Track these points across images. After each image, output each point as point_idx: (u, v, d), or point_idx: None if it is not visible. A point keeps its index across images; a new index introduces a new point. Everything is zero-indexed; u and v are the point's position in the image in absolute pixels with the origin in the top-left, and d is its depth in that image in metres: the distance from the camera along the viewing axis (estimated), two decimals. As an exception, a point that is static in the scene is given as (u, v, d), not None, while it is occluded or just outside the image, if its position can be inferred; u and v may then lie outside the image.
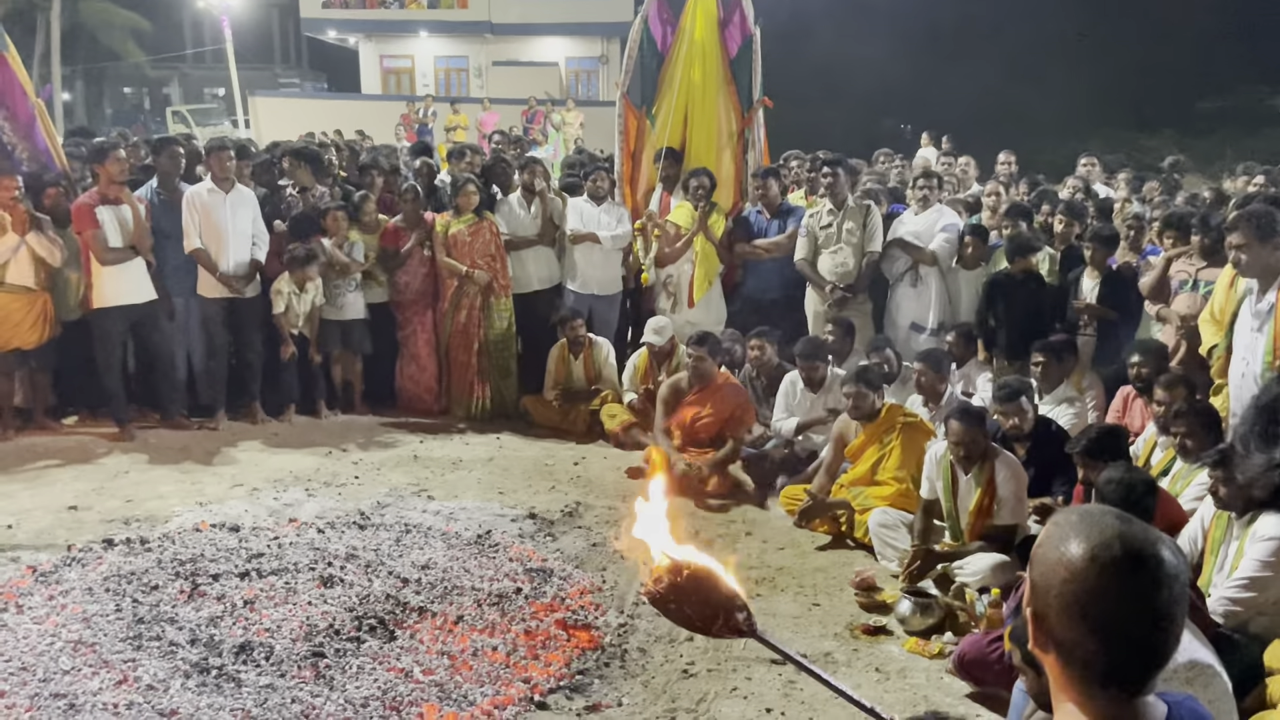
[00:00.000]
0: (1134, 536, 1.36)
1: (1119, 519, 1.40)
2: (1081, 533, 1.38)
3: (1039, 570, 1.41)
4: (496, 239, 7.52)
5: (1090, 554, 1.34)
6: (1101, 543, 1.35)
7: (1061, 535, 1.40)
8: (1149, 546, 1.35)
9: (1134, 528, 1.39)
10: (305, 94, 32.23)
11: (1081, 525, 1.40)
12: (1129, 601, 1.33)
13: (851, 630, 4.59)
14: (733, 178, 7.83)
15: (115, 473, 6.24)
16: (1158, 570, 1.33)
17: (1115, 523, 1.39)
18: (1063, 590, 1.36)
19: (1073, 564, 1.35)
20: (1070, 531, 1.39)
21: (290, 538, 5.17)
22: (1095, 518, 1.41)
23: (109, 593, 4.49)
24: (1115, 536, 1.35)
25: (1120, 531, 1.37)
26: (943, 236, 7.03)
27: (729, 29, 7.60)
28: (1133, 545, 1.35)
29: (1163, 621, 1.34)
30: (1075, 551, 1.35)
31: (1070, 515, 1.45)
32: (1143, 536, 1.37)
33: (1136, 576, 1.33)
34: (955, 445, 4.91)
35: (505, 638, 4.25)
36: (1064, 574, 1.36)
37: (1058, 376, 6.05)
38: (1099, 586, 1.33)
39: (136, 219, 6.68)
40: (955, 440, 4.90)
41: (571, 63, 29.15)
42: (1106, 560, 1.33)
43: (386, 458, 6.68)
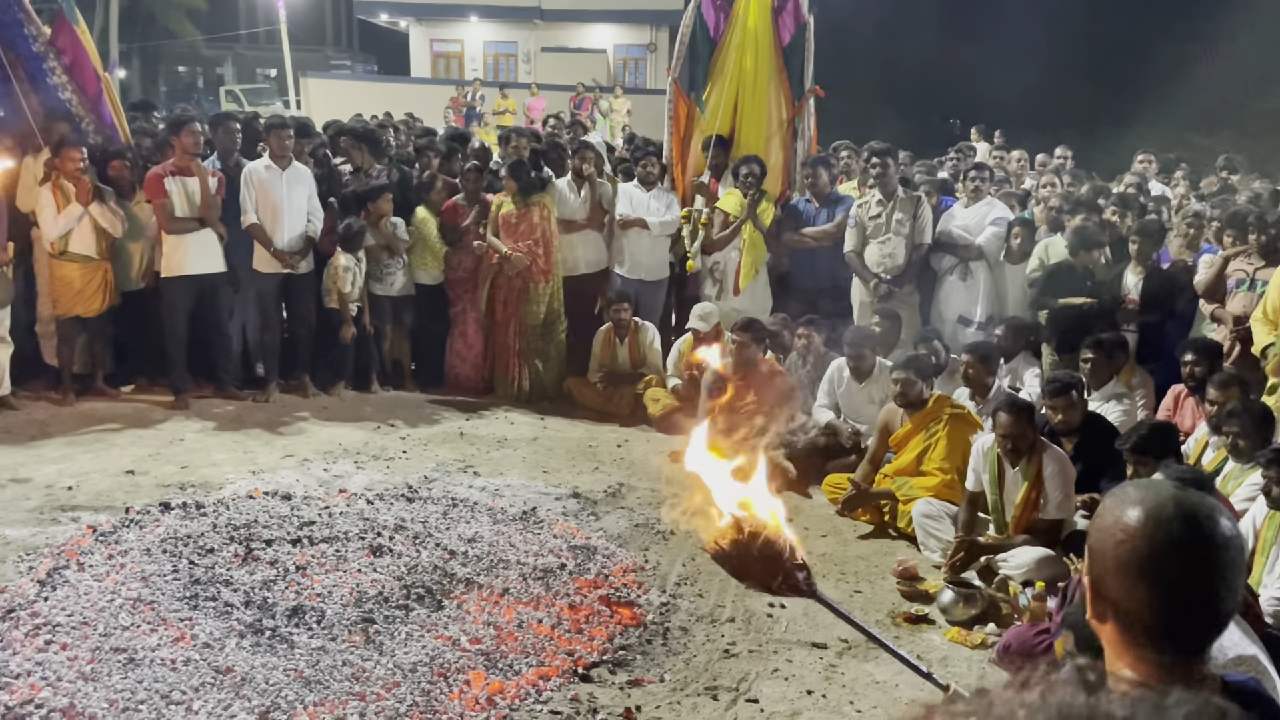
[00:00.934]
0: (1189, 499, 1.40)
1: (1175, 486, 1.44)
2: (1138, 498, 1.42)
3: (1096, 537, 1.45)
4: (545, 223, 7.57)
5: (1146, 515, 1.38)
6: (1157, 505, 1.39)
7: (1118, 503, 1.44)
8: (1204, 508, 1.39)
9: (1189, 493, 1.42)
10: (355, 76, 32.50)
11: (1138, 492, 1.44)
12: (1185, 560, 1.36)
13: (893, 618, 4.61)
14: (781, 166, 7.82)
15: (171, 439, 6.40)
16: (1213, 531, 1.36)
17: (1171, 489, 1.43)
18: (1119, 552, 1.39)
19: (1129, 526, 1.38)
20: (1127, 499, 1.43)
21: (340, 507, 5.27)
22: (1152, 485, 1.45)
23: (166, 554, 4.61)
24: (1170, 499, 1.39)
25: (1175, 495, 1.40)
26: (992, 230, 6.98)
27: (782, 17, 7.58)
28: (1187, 506, 1.38)
29: (1218, 583, 1.36)
30: (1132, 514, 1.39)
31: (1127, 486, 1.49)
32: (1198, 500, 1.41)
33: (1192, 536, 1.36)
34: (1003, 438, 4.89)
35: (550, 611, 4.32)
36: (1121, 536, 1.39)
37: (1107, 373, 6.00)
38: (1155, 545, 1.36)
39: (204, 191, 6.82)
40: (1003, 433, 4.88)
41: (620, 50, 29.12)
42: (1162, 519, 1.37)
43: (433, 434, 6.78)
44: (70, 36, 7.11)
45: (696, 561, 5.06)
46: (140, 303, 7.20)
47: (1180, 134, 27.22)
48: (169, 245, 6.88)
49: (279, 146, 6.95)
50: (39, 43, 6.99)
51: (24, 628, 3.94)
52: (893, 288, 7.04)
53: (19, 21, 6.93)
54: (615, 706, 3.77)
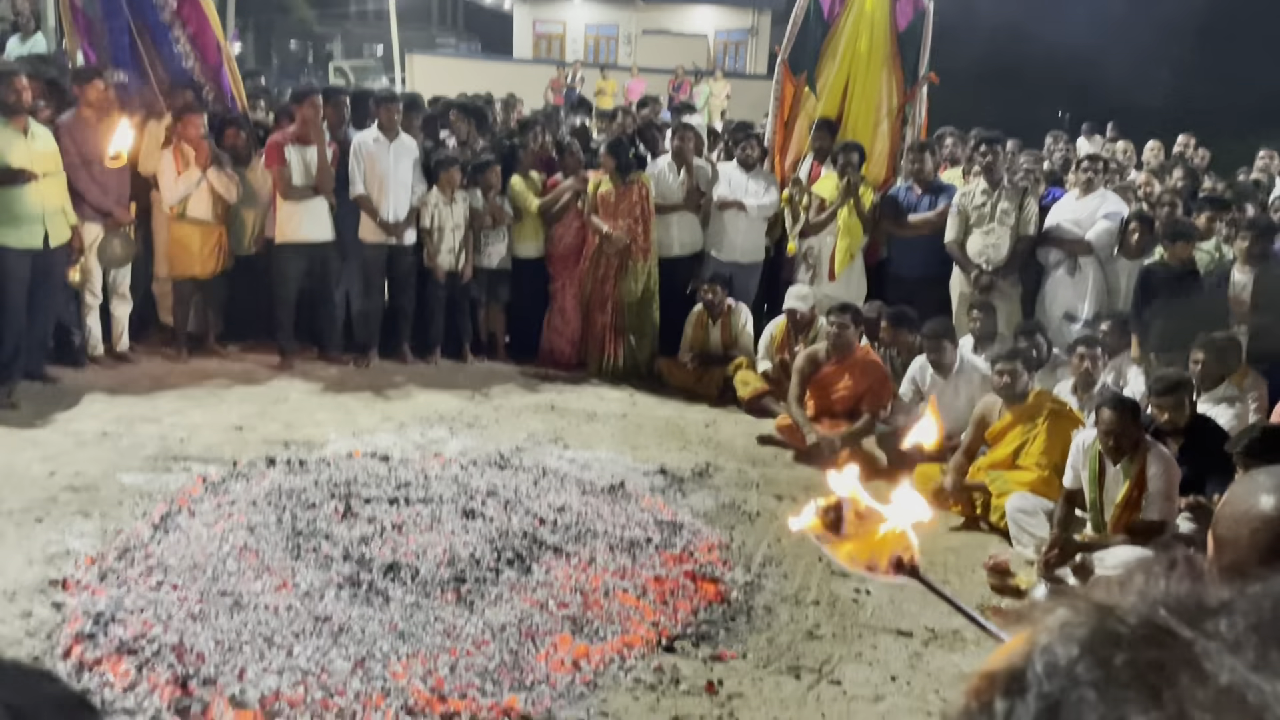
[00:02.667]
0: None
1: None
2: (1272, 485, 1.38)
3: (1227, 525, 1.41)
4: (644, 201, 7.60)
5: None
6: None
7: (1250, 490, 1.40)
8: None
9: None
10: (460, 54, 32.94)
11: (1270, 479, 1.40)
12: None
13: (982, 610, 4.52)
14: (886, 152, 7.71)
15: (276, 399, 6.63)
16: None
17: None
18: (1254, 540, 1.36)
19: (1265, 513, 1.35)
20: (1259, 486, 1.40)
21: (435, 471, 5.41)
22: (1277, 474, 1.41)
23: (271, 506, 4.80)
24: None
25: None
26: (1104, 224, 6.77)
27: (900, 2, 7.45)
28: None
29: None
30: (1268, 500, 1.36)
31: (1257, 473, 1.45)
32: None
33: None
34: (1105, 435, 4.76)
35: (635, 582, 4.38)
36: (1256, 524, 1.36)
37: (1218, 375, 5.77)
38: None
39: (322, 162, 7.04)
40: (1106, 429, 4.75)
41: (720, 34, 28.96)
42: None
43: (525, 404, 6.89)
44: (195, 7, 7.38)
45: (782, 543, 5.06)
46: (252, 267, 7.46)
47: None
48: (283, 212, 7.11)
49: (388, 119, 7.12)
50: (166, 12, 7.28)
51: (138, 568, 4.15)
52: (994, 279, 6.89)
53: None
54: (698, 679, 3.81)
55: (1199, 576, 0.63)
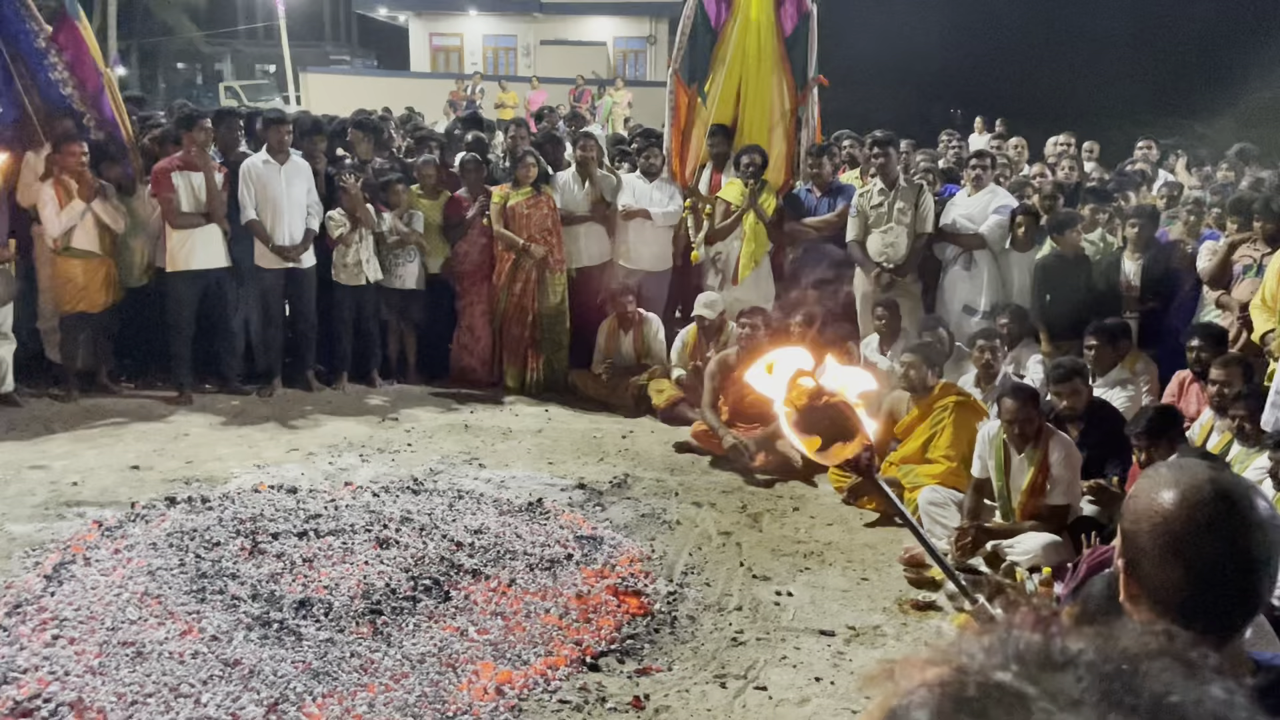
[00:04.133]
0: (1225, 480, 1.40)
1: (1210, 467, 1.44)
2: (1173, 480, 1.41)
3: (1130, 519, 1.44)
4: (554, 213, 7.56)
5: (1182, 496, 1.38)
6: (1193, 486, 1.38)
7: (1153, 484, 1.44)
8: (1239, 489, 1.39)
9: (1225, 474, 1.43)
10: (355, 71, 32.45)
11: (1172, 473, 1.43)
12: (1221, 541, 1.36)
13: (901, 605, 4.61)
14: (784, 156, 7.79)
15: (175, 435, 6.39)
16: (1249, 512, 1.36)
17: (1206, 469, 1.42)
18: (1155, 533, 1.39)
19: (1165, 508, 1.38)
20: (1162, 480, 1.43)
21: (346, 500, 5.28)
22: (1186, 466, 1.45)
23: (172, 548, 4.61)
24: (1206, 480, 1.39)
25: (1211, 476, 1.40)
26: (995, 219, 6.95)
27: (785, 6, 7.55)
28: (1223, 487, 1.38)
29: (1254, 564, 1.36)
30: (1167, 496, 1.39)
31: (1161, 467, 1.49)
32: (1233, 480, 1.41)
33: (1228, 517, 1.36)
34: (1008, 424, 4.89)
35: (557, 601, 4.32)
36: (1156, 518, 1.39)
37: (1111, 360, 5.98)
38: (1191, 526, 1.36)
39: (211, 187, 6.82)
40: (1009, 418, 4.88)
41: (620, 42, 29.11)
42: (1197, 501, 1.37)
43: (438, 426, 6.77)
44: (72, 32, 7.09)
45: (703, 551, 5.07)
46: (143, 298, 7.20)
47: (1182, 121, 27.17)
48: (174, 240, 6.87)
49: (278, 141, 6.94)
50: (41, 38, 6.97)
51: (31, 622, 3.95)
52: (895, 277, 7.03)
53: (21, 17, 6.91)
54: (623, 695, 3.77)
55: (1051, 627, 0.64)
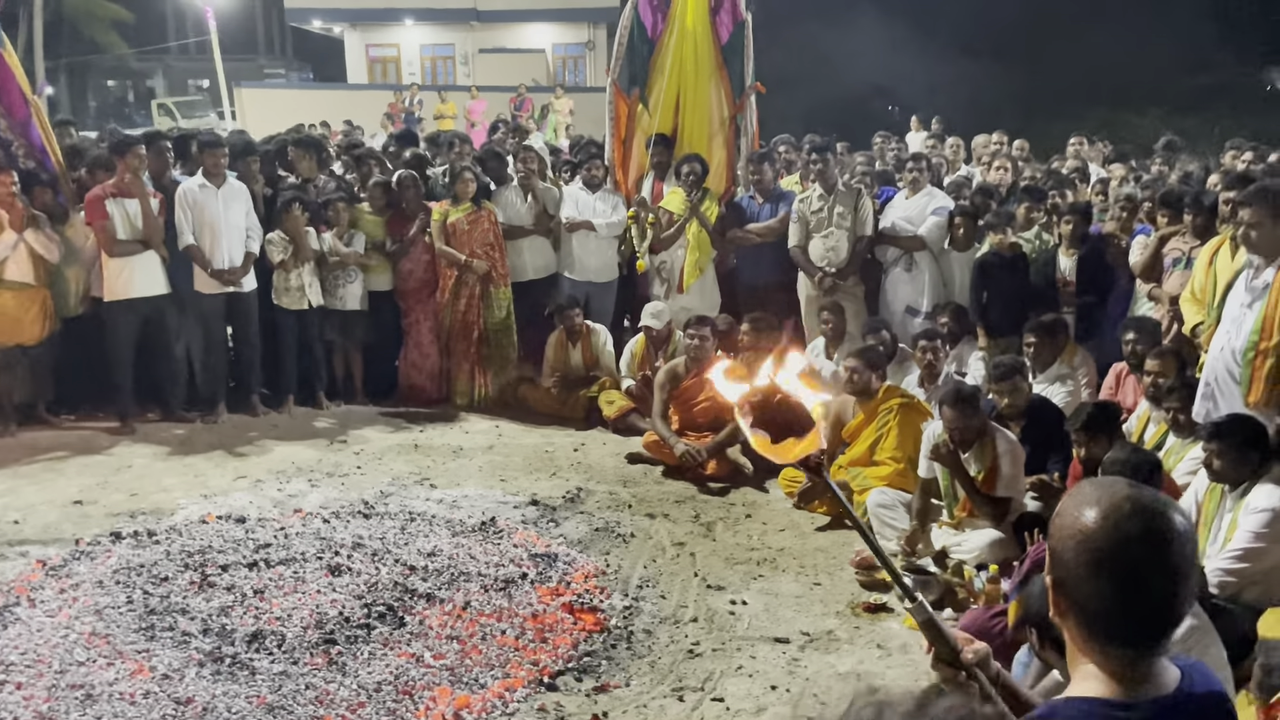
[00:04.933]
0: (1144, 497, 1.46)
1: (1130, 485, 1.50)
2: (1095, 498, 1.47)
3: (1057, 537, 1.50)
4: (495, 228, 7.56)
5: (1103, 514, 1.44)
6: (1113, 504, 1.44)
7: (1077, 502, 1.49)
8: (1159, 506, 1.45)
9: (1144, 491, 1.48)
10: (291, 84, 32.07)
11: (1095, 491, 1.49)
12: (1142, 557, 1.42)
13: (853, 608, 4.67)
14: (725, 163, 7.86)
15: (118, 467, 6.28)
16: (1168, 528, 1.43)
17: (1126, 487, 1.48)
18: (1079, 551, 1.45)
19: (1087, 525, 1.44)
20: (1085, 498, 1.49)
21: (296, 528, 5.22)
22: (1108, 484, 1.51)
23: (120, 585, 4.54)
24: (1126, 498, 1.45)
25: (1130, 494, 1.46)
26: (933, 220, 7.08)
27: (720, 15, 7.61)
28: (1142, 504, 1.44)
29: (1175, 577, 1.42)
30: (1090, 514, 1.45)
31: (1084, 485, 1.55)
32: (1153, 497, 1.47)
33: (1148, 533, 1.42)
34: (951, 430, 4.96)
35: (513, 622, 4.32)
36: (1080, 536, 1.45)
37: (1050, 355, 6.11)
38: (1113, 543, 1.42)
39: (147, 213, 6.71)
40: (950, 426, 4.94)
41: (559, 49, 29.06)
42: (1119, 519, 1.43)
43: (388, 447, 6.72)
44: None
45: (658, 563, 5.10)
46: (80, 328, 7.05)
47: (1113, 113, 27.83)
48: (111, 269, 6.75)
49: (213, 165, 6.84)
50: (-38, 68, 6.81)
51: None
52: (838, 281, 7.12)
53: (-58, 47, 6.75)
54: (582, 714, 3.79)
55: None
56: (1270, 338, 4.32)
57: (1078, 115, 27.08)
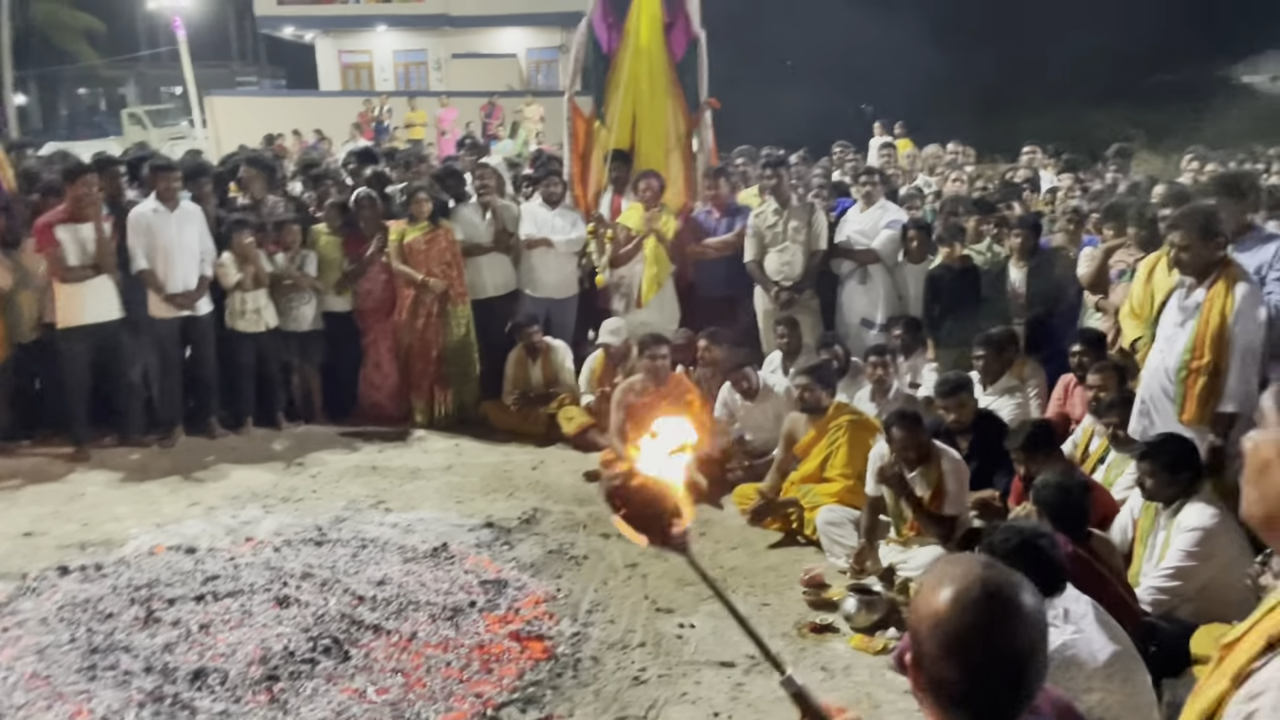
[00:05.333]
0: (995, 579, 1.49)
1: (983, 565, 1.52)
2: (948, 578, 1.50)
3: (914, 618, 1.53)
4: (453, 246, 7.56)
5: (954, 596, 1.47)
6: (964, 586, 1.47)
7: (932, 584, 1.52)
8: (1007, 588, 1.48)
9: (995, 572, 1.51)
10: (263, 92, 31.92)
11: (951, 569, 1.52)
12: (990, 640, 1.45)
13: (799, 629, 4.70)
14: (682, 178, 7.90)
15: (72, 495, 6.25)
16: (1016, 611, 1.46)
17: (978, 568, 1.51)
18: (932, 633, 1.48)
19: (939, 608, 1.47)
20: (938, 579, 1.52)
21: (246, 558, 5.21)
22: (961, 565, 1.53)
23: (64, 623, 4.52)
24: (976, 580, 1.48)
25: (981, 575, 1.49)
26: (887, 233, 7.14)
27: (674, 32, 7.65)
28: (991, 587, 1.47)
29: (1021, 659, 1.46)
30: (942, 596, 1.48)
31: (940, 564, 1.58)
32: (1003, 579, 1.49)
33: (995, 616, 1.45)
34: (901, 450, 5.00)
35: (459, 653, 4.33)
36: (932, 619, 1.48)
37: (999, 368, 6.17)
38: (962, 627, 1.45)
39: (100, 238, 6.68)
40: (900, 446, 4.98)
41: (532, 53, 29.03)
42: (968, 602, 1.46)
43: (345, 469, 6.72)
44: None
45: (609, 585, 5.12)
46: (34, 354, 7.02)
47: (1079, 110, 28.02)
48: (64, 295, 6.72)
49: (166, 189, 6.82)
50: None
51: (-87, 715, 3.84)
52: (793, 295, 7.16)
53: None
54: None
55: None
56: (1202, 357, 4.38)
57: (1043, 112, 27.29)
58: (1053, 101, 28.14)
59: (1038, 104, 28.03)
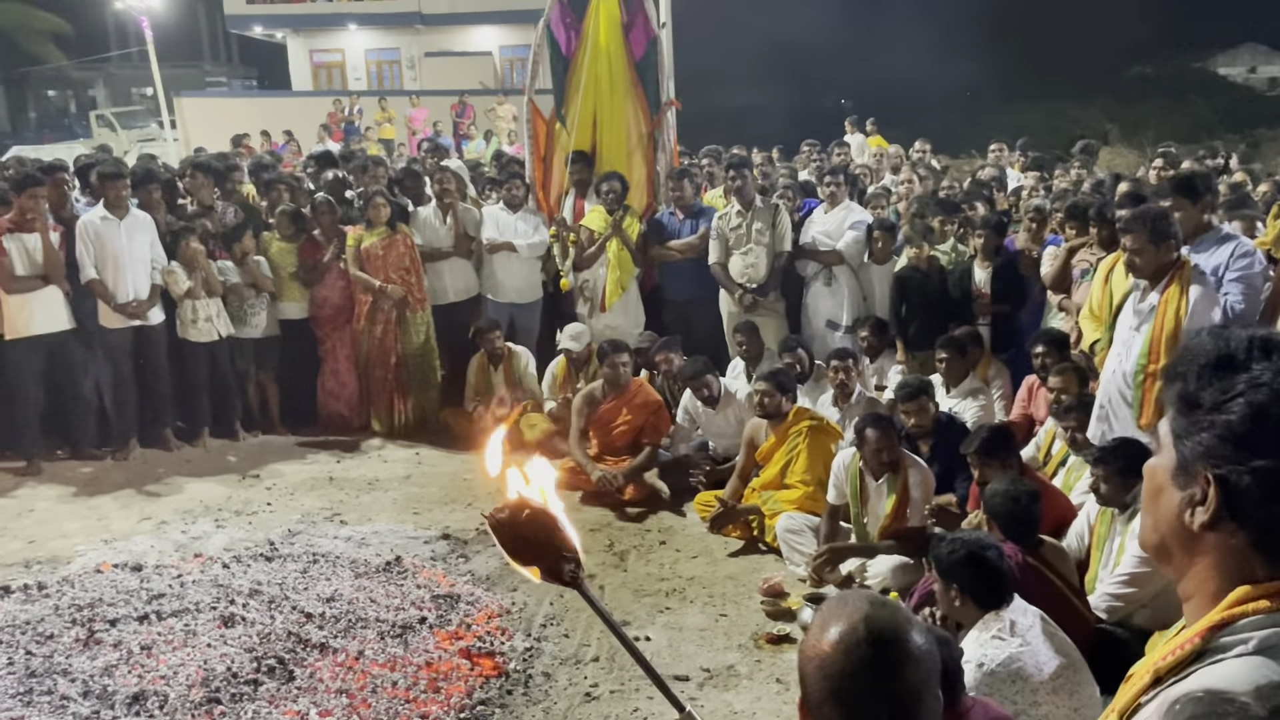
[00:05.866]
0: (879, 620, 1.41)
1: (870, 604, 1.45)
2: (833, 620, 1.43)
3: (800, 660, 1.46)
4: (411, 251, 7.46)
5: (838, 639, 1.40)
6: (849, 628, 1.41)
7: (819, 624, 1.45)
8: (892, 630, 1.41)
9: (882, 612, 1.44)
10: (233, 93, 31.62)
11: (834, 614, 1.45)
12: (873, 683, 1.38)
13: (756, 640, 4.64)
14: (644, 180, 7.81)
15: (19, 511, 6.12)
16: (901, 652, 1.39)
17: (865, 607, 1.44)
18: (818, 677, 1.41)
19: (823, 650, 1.41)
20: (825, 620, 1.45)
21: (194, 575, 5.10)
22: (849, 605, 1.46)
23: (2, 645, 4.40)
24: (861, 620, 1.41)
25: (867, 615, 1.42)
26: (851, 234, 7.08)
27: (633, 33, 7.56)
28: (876, 628, 1.40)
29: (908, 700, 1.39)
30: (828, 639, 1.41)
31: (830, 604, 1.50)
32: (889, 620, 1.42)
33: (880, 659, 1.38)
34: (875, 452, 4.93)
35: (406, 671, 4.23)
36: (819, 662, 1.41)
37: (962, 370, 6.13)
38: (845, 670, 1.39)
39: (47, 248, 6.56)
40: (874, 448, 4.92)
41: (505, 51, 28.82)
42: (851, 644, 1.39)
43: (301, 481, 6.61)
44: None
45: (564, 598, 5.03)
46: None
47: (1058, 105, 28.12)
48: (11, 306, 6.58)
49: (115, 196, 6.68)
50: None
51: None
52: (758, 297, 7.10)
53: None
54: (468, 769, 3.72)
55: None
56: (1158, 360, 4.33)
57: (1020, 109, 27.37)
58: (1030, 98, 28.22)
59: (1016, 100, 28.11)
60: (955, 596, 3.30)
